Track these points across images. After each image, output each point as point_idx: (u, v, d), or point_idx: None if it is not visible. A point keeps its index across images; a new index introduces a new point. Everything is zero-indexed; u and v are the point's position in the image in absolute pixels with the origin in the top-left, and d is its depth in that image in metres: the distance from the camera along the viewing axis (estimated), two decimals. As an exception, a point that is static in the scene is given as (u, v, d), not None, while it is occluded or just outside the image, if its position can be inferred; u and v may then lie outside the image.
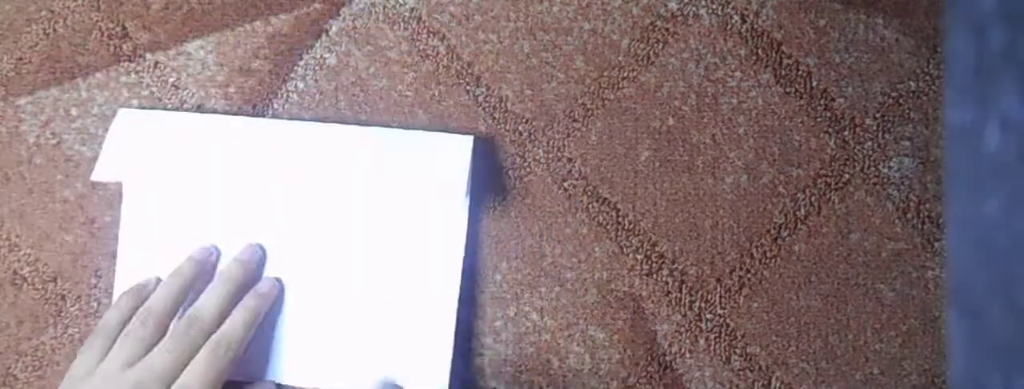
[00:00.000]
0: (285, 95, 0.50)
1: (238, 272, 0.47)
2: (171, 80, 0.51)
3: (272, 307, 0.48)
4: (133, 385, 0.42)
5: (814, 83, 0.51)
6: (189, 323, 0.44)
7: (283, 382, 0.48)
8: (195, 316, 0.45)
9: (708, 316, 0.50)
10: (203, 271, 0.47)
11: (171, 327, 0.45)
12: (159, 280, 0.47)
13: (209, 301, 0.45)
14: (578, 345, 0.49)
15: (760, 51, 0.51)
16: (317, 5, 0.51)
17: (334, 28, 0.51)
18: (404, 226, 0.49)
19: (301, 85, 0.51)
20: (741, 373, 0.49)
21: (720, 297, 0.50)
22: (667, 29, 0.51)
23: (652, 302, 0.49)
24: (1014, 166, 0.22)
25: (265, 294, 0.47)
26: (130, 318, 0.45)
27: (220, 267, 0.48)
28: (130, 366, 0.43)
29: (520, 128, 0.50)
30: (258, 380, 0.48)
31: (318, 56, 0.51)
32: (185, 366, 0.43)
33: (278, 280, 0.48)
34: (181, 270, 0.47)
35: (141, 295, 0.46)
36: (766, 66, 0.51)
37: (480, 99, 0.50)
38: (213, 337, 0.44)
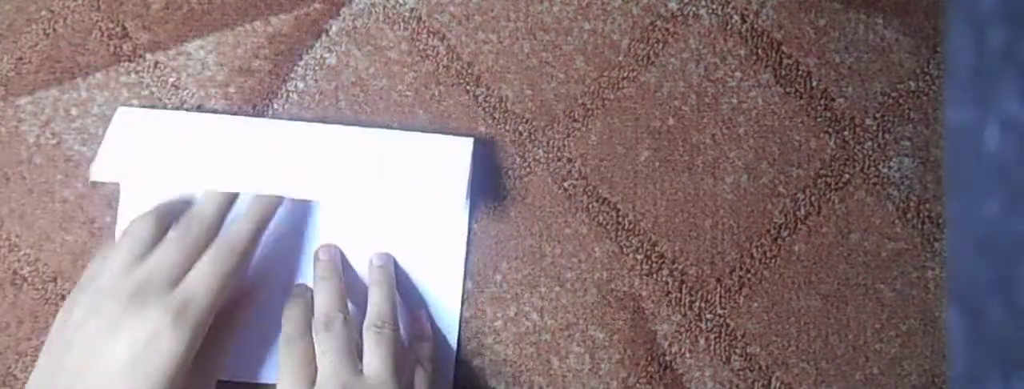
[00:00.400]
0: (285, 95, 0.50)
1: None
2: (171, 80, 0.51)
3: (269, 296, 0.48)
4: (136, 285, 0.41)
5: (814, 83, 0.51)
6: (189, 221, 0.44)
7: None
8: (194, 214, 0.44)
9: (708, 316, 0.50)
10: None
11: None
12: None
13: (208, 199, 0.45)
14: (578, 345, 0.49)
15: (760, 51, 0.51)
16: (317, 5, 0.51)
17: (334, 28, 0.51)
18: (405, 228, 0.49)
19: (301, 85, 0.51)
20: (741, 373, 0.49)
21: (720, 297, 0.50)
22: (667, 29, 0.51)
23: (652, 302, 0.49)
24: (1014, 166, 0.22)
25: (270, 198, 0.46)
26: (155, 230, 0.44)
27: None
28: (133, 267, 0.42)
29: (520, 128, 0.50)
30: (256, 380, 0.48)
31: (318, 56, 0.51)
32: (188, 267, 0.43)
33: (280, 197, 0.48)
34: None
35: (162, 215, 0.45)
36: (766, 66, 0.51)
37: (480, 99, 0.50)
38: (218, 239, 0.44)
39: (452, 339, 0.49)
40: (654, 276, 0.50)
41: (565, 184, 0.50)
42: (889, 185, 0.50)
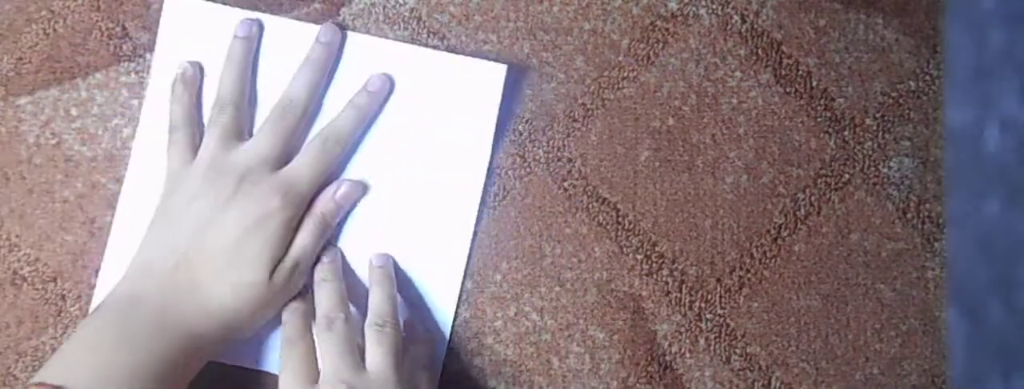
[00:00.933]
0: (285, 95, 0.50)
1: (322, 54, 0.48)
2: (171, 80, 0.51)
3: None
4: (242, 169, 0.44)
5: (814, 83, 0.51)
6: (284, 110, 0.46)
7: None
8: (288, 103, 0.46)
9: (708, 316, 0.50)
10: (251, 49, 0.48)
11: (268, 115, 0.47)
12: (195, 65, 0.48)
13: (299, 86, 0.47)
14: (578, 345, 0.49)
15: (760, 51, 0.51)
16: (317, 5, 0.51)
17: (334, 28, 0.51)
18: (428, 146, 0.49)
19: (301, 85, 0.51)
20: (741, 373, 0.49)
21: (720, 297, 0.50)
22: (667, 29, 0.51)
23: (652, 302, 0.49)
24: (1014, 166, 0.22)
25: (375, 92, 0.48)
26: (194, 109, 0.47)
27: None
28: (230, 152, 0.45)
29: (520, 128, 0.50)
30: (257, 367, 0.48)
31: (318, 56, 0.51)
32: (287, 152, 0.46)
33: (388, 78, 0.48)
34: (232, 56, 0.47)
35: (189, 85, 0.47)
36: (766, 66, 0.51)
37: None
38: (322, 131, 0.47)
39: (444, 338, 0.49)
40: (654, 276, 0.50)
41: (565, 184, 0.50)
42: (889, 185, 0.50)
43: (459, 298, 0.49)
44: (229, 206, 0.43)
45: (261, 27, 0.48)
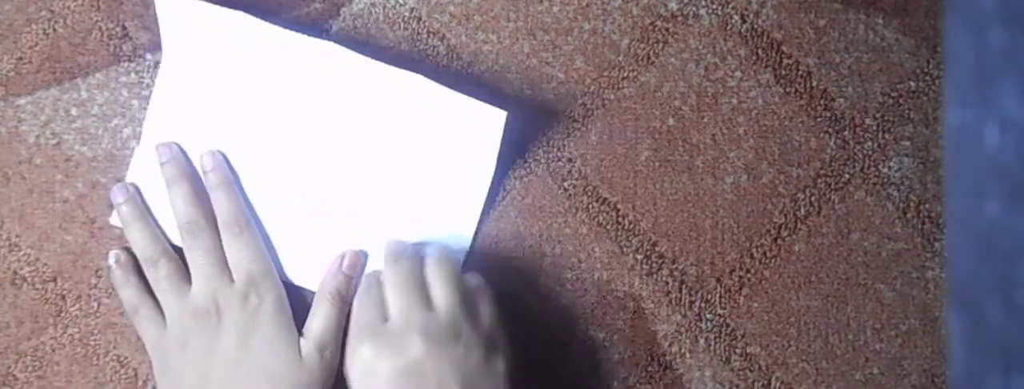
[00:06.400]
0: (285, 95, 0.50)
1: (174, 170, 0.48)
2: (171, 80, 0.51)
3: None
4: (208, 301, 0.45)
5: (814, 83, 0.51)
6: (188, 233, 0.46)
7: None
8: (184, 224, 0.46)
9: (708, 316, 0.50)
10: (142, 206, 0.48)
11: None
12: (124, 252, 0.48)
13: (180, 206, 0.47)
14: (578, 345, 0.49)
15: (760, 51, 0.51)
16: (317, 5, 0.51)
17: (334, 28, 0.51)
18: (423, 179, 0.49)
19: (301, 85, 0.51)
20: (741, 373, 0.49)
21: (720, 297, 0.50)
22: (667, 29, 0.51)
23: (652, 302, 0.49)
24: (1014, 166, 0.22)
25: (216, 167, 0.48)
26: (145, 291, 0.47)
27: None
28: (184, 297, 0.45)
29: (520, 128, 0.50)
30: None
31: (318, 56, 0.51)
32: (222, 261, 0.46)
33: (217, 152, 0.48)
34: (129, 216, 0.48)
35: (128, 269, 0.48)
36: (766, 66, 0.51)
37: (479, 99, 0.50)
38: (219, 227, 0.47)
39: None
40: (654, 276, 0.50)
41: (565, 184, 0.50)
42: (889, 185, 0.50)
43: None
44: (221, 332, 0.44)
45: (139, 190, 0.48)
